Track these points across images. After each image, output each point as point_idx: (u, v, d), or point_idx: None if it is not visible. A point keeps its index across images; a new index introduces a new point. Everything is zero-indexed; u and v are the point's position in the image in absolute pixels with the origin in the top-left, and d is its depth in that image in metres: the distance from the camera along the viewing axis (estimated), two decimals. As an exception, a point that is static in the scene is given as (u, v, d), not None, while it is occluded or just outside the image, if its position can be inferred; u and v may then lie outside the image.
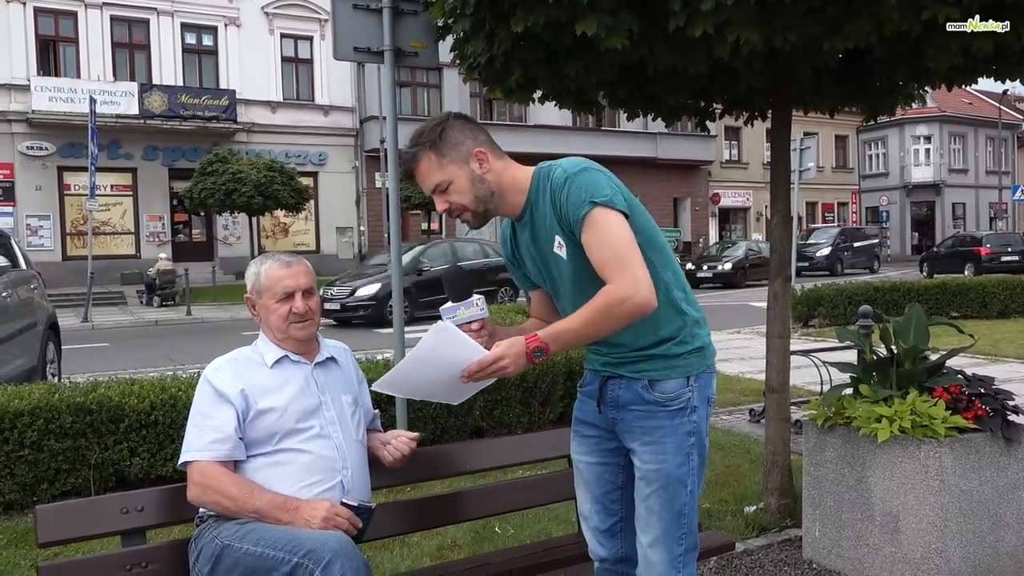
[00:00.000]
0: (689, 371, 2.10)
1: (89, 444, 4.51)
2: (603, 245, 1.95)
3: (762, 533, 3.99)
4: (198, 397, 2.25)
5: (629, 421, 2.13)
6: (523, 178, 2.12)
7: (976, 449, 3.21)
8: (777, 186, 4.19)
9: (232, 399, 2.20)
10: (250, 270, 2.38)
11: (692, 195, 35.72)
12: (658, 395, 2.09)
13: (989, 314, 13.71)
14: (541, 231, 2.10)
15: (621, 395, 2.14)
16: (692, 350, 2.11)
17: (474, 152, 2.06)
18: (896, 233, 44.27)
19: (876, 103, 4.38)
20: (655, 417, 2.09)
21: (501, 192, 2.10)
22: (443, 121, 2.09)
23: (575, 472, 2.35)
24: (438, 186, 2.07)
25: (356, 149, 28.57)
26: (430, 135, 2.06)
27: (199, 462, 2.16)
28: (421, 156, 2.07)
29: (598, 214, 1.96)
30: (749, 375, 8.51)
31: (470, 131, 2.09)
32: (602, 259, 1.95)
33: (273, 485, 2.17)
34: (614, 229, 1.96)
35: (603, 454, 2.25)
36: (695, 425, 2.11)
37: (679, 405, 2.09)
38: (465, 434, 5.53)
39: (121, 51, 25.32)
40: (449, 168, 2.06)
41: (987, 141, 45.84)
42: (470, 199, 2.08)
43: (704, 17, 3.02)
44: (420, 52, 4.82)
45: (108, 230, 25.10)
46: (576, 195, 1.97)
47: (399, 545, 3.80)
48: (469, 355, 1.90)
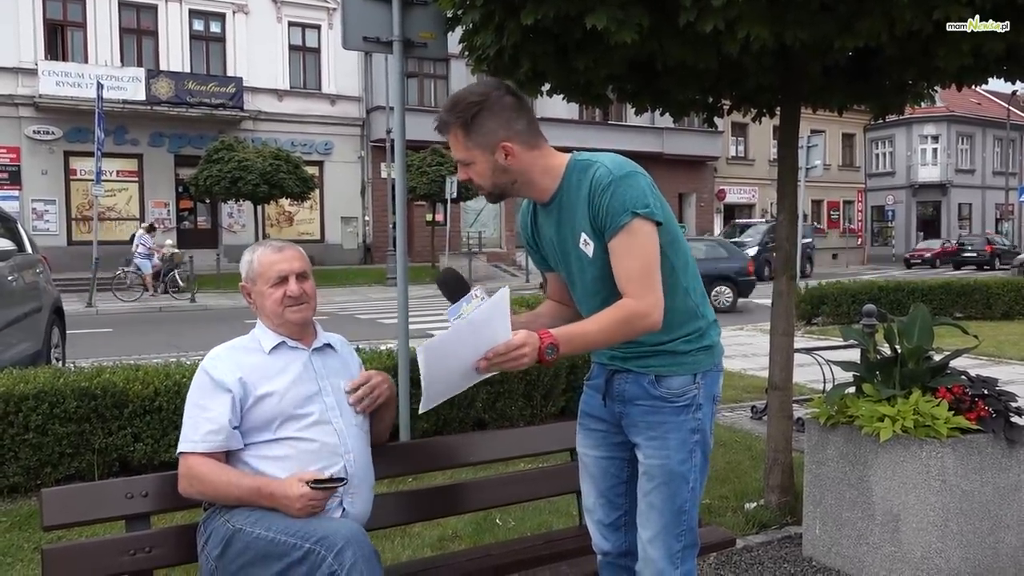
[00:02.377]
0: (696, 368, 2.11)
1: (93, 429, 4.53)
2: (634, 258, 1.96)
3: (762, 530, 4.00)
4: (194, 389, 2.26)
5: (634, 416, 2.14)
6: (557, 166, 2.09)
7: (978, 450, 3.21)
8: (784, 183, 4.19)
9: (231, 387, 2.21)
10: (244, 259, 2.40)
11: (698, 191, 35.67)
12: (664, 391, 2.09)
13: (993, 315, 13.69)
14: (567, 222, 2.09)
15: (627, 389, 2.15)
16: (700, 348, 2.12)
17: (501, 145, 2.02)
18: (901, 232, 44.19)
19: (885, 102, 4.37)
20: (660, 412, 2.10)
21: (528, 180, 2.08)
22: (481, 101, 2.01)
23: (580, 466, 2.35)
24: (461, 160, 2.08)
25: (362, 139, 28.57)
26: (464, 113, 2.01)
27: (190, 455, 2.18)
28: (450, 128, 2.04)
29: (637, 225, 1.96)
30: (752, 372, 8.51)
31: (506, 119, 2.02)
32: (629, 271, 1.96)
33: (278, 467, 2.18)
34: (649, 245, 1.97)
35: (609, 448, 2.25)
36: (699, 422, 2.11)
37: (684, 402, 2.10)
38: (467, 426, 5.54)
39: (129, 37, 25.32)
40: (474, 151, 2.04)
41: (995, 142, 45.69)
42: (488, 183, 2.09)
43: (715, 13, 3.01)
44: (429, 43, 4.81)
45: (113, 216, 25.14)
46: (619, 201, 1.96)
47: (400, 535, 3.82)
48: (500, 337, 1.87)
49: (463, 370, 1.91)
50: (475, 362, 1.87)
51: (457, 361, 1.90)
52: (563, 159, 2.10)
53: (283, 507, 2.10)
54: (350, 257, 27.94)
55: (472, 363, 1.88)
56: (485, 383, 5.55)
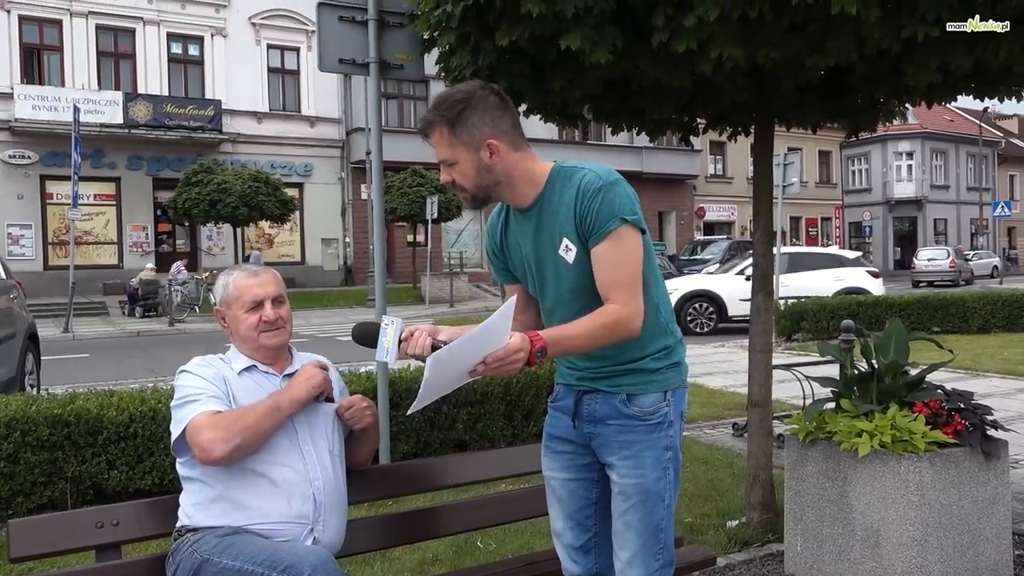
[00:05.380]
0: (667, 386, 2.11)
1: (66, 457, 4.45)
2: (621, 265, 1.97)
3: (744, 548, 3.98)
4: (181, 388, 2.22)
5: (606, 435, 2.12)
6: (539, 172, 2.08)
7: (956, 464, 3.22)
8: (760, 201, 4.22)
9: (215, 382, 2.22)
10: (218, 283, 2.38)
11: (677, 209, 35.91)
12: (636, 409, 2.09)
13: (970, 329, 13.82)
14: (547, 228, 2.07)
15: (598, 409, 2.13)
16: (669, 365, 2.12)
17: (487, 142, 2.00)
18: (879, 248, 44.66)
19: (858, 119, 4.43)
20: (633, 431, 2.09)
21: (510, 183, 2.07)
22: (467, 99, 2.00)
23: (548, 489, 2.32)
24: (445, 160, 2.05)
25: (342, 160, 28.56)
26: (449, 110, 2.00)
27: (198, 416, 2.13)
28: (435, 127, 2.02)
29: (626, 232, 1.97)
30: (732, 389, 8.53)
31: (491, 117, 2.01)
32: (615, 278, 1.96)
33: (247, 502, 2.15)
34: (635, 253, 1.99)
35: (577, 470, 2.23)
36: (671, 440, 2.11)
37: (657, 419, 2.09)
38: (448, 448, 5.50)
39: (106, 60, 25.26)
40: (459, 149, 2.02)
41: (968, 158, 46.40)
42: (472, 184, 2.06)
43: (687, 33, 3.04)
44: (405, 64, 4.82)
45: (91, 240, 24.95)
46: (609, 206, 1.96)
47: (380, 559, 3.77)
48: (500, 342, 1.86)
49: (459, 374, 1.90)
50: (474, 366, 1.86)
51: (457, 368, 1.88)
52: (546, 166, 2.10)
53: (297, 386, 2.22)
54: (331, 279, 27.84)
55: (469, 367, 1.86)
56: (466, 404, 5.52)
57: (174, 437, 2.18)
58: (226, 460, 2.11)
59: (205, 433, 2.10)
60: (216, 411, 2.15)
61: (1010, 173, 51.47)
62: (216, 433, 2.09)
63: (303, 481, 2.20)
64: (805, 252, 18.48)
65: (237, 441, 2.10)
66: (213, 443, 2.09)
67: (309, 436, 2.27)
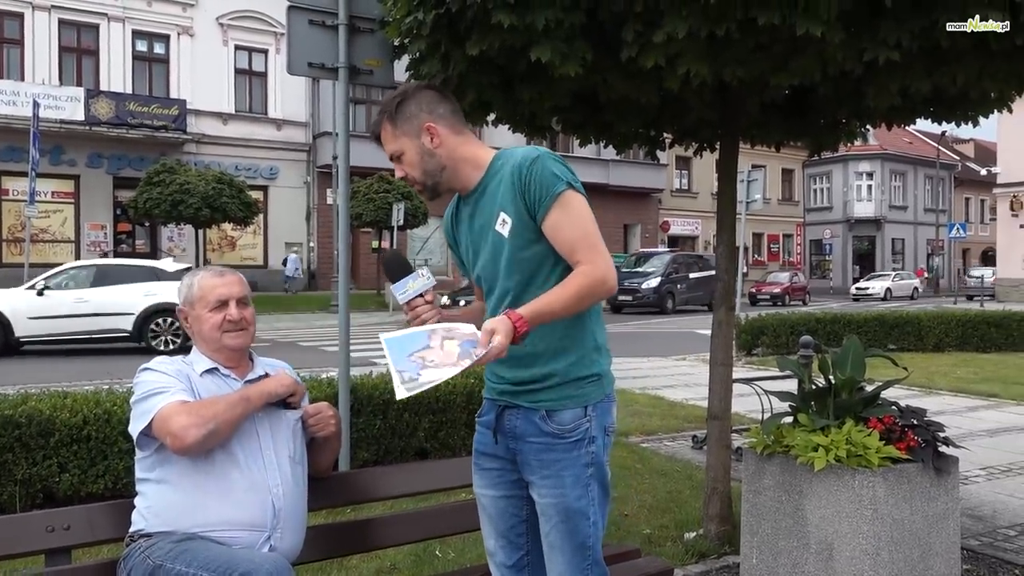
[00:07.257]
0: (586, 401, 2.06)
1: (16, 459, 4.34)
2: (577, 226, 1.98)
3: (701, 560, 4.01)
4: (145, 384, 2.18)
5: (527, 454, 2.08)
6: (483, 156, 2.12)
7: (908, 479, 3.28)
8: (723, 216, 4.27)
9: (179, 378, 2.20)
10: (183, 283, 2.36)
11: (642, 222, 36.22)
12: (555, 427, 2.04)
13: (925, 347, 14.13)
14: (485, 207, 2.08)
15: (518, 426, 2.10)
16: (590, 377, 2.07)
17: (425, 126, 2.08)
18: (839, 265, 45.46)
19: (820, 139, 4.52)
20: (553, 450, 2.05)
21: (454, 166, 2.11)
22: (403, 92, 2.12)
23: (479, 507, 2.27)
24: (393, 154, 2.12)
25: (308, 164, 28.36)
26: (389, 105, 2.11)
27: (167, 406, 2.10)
28: (380, 125, 2.12)
29: (571, 196, 1.99)
30: (693, 401, 8.60)
31: (428, 104, 2.10)
32: (574, 238, 1.98)
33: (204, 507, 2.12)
34: (586, 212, 2.01)
35: (506, 487, 2.18)
36: (593, 455, 2.06)
37: (576, 436, 2.04)
38: (409, 456, 5.47)
39: (68, 56, 24.81)
40: (402, 140, 2.10)
41: (926, 180, 47.50)
42: (419, 172, 2.11)
43: (656, 49, 3.08)
44: (375, 70, 4.81)
45: (47, 237, 24.44)
46: (549, 172, 1.99)
47: (336, 568, 3.73)
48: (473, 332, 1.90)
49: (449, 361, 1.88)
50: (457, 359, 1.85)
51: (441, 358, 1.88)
52: (490, 153, 2.14)
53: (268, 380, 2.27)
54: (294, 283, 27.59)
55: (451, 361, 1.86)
56: (428, 413, 5.49)
57: (139, 430, 2.14)
58: (199, 447, 2.08)
59: (178, 419, 2.07)
60: (185, 400, 2.13)
61: (965, 196, 52.82)
62: (189, 419, 2.07)
63: (262, 488, 2.17)
64: (116, 264, 16.07)
65: (211, 427, 2.08)
66: (186, 428, 2.06)
67: (272, 442, 2.25)
